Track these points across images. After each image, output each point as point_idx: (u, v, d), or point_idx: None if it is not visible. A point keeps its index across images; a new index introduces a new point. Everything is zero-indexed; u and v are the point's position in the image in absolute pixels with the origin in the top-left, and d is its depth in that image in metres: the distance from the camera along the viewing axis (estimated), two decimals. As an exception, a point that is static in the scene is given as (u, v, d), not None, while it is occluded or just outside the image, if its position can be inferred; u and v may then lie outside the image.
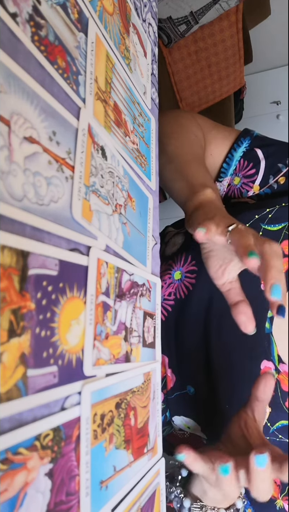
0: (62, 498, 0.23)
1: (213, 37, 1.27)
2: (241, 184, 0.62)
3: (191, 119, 0.64)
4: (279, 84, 2.01)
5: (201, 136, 0.62)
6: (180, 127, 0.61)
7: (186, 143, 0.57)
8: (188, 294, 0.56)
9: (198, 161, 0.55)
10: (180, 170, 0.52)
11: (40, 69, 0.25)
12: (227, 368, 0.51)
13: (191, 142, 0.58)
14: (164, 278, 0.58)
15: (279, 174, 0.59)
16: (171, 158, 0.54)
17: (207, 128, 0.65)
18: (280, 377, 0.49)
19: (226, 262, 0.42)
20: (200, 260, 0.55)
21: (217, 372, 0.52)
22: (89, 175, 0.29)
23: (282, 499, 0.50)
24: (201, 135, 0.63)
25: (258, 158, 0.61)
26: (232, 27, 1.26)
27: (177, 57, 1.30)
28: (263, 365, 0.49)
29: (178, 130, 0.60)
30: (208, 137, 0.65)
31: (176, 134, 0.59)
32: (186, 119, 0.63)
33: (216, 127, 0.67)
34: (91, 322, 0.27)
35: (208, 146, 0.64)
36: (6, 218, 0.20)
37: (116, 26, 0.37)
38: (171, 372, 0.57)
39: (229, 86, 1.45)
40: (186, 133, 0.60)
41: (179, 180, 0.51)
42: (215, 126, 0.67)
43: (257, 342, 0.50)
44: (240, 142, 0.63)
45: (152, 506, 0.36)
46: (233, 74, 1.41)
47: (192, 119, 0.64)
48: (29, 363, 0.21)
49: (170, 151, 0.55)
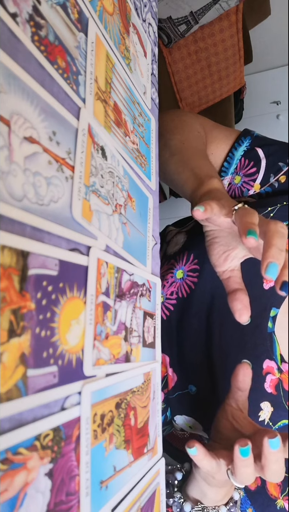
0: (62, 498, 0.23)
1: (213, 37, 1.27)
2: (242, 183, 0.62)
3: (193, 118, 0.64)
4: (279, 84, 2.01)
5: (203, 134, 0.62)
6: (183, 123, 0.61)
7: (190, 137, 0.57)
8: (190, 293, 0.56)
9: (202, 154, 0.55)
10: (185, 162, 0.52)
11: (40, 69, 0.25)
12: (228, 367, 0.51)
13: (195, 137, 0.58)
14: (166, 277, 0.58)
15: (280, 173, 0.59)
16: (175, 152, 0.54)
17: (208, 128, 0.66)
18: (282, 376, 0.49)
19: (229, 249, 0.42)
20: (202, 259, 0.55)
21: (218, 371, 0.52)
22: (89, 175, 0.29)
23: (282, 499, 0.50)
24: (203, 133, 0.63)
25: (259, 157, 0.61)
26: (232, 27, 1.26)
27: (177, 57, 1.30)
28: (265, 365, 0.49)
29: (181, 126, 0.60)
30: (209, 137, 0.65)
31: (180, 129, 0.59)
32: (189, 117, 0.63)
33: (217, 127, 0.67)
34: (91, 322, 0.27)
35: (209, 145, 0.64)
36: (6, 218, 0.20)
37: (116, 26, 0.37)
38: (172, 372, 0.57)
39: (229, 86, 1.45)
40: (190, 129, 0.60)
41: (184, 171, 0.50)
42: (216, 126, 0.67)
43: (259, 341, 0.50)
44: (241, 141, 0.63)
45: (151, 506, 0.36)
46: (233, 74, 1.41)
47: (195, 117, 0.65)
48: (29, 363, 0.21)
49: (173, 145, 0.55)
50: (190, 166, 0.50)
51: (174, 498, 0.45)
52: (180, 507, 0.45)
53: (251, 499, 0.50)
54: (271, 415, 0.49)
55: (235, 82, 1.44)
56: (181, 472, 0.48)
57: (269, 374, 0.49)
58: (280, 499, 0.50)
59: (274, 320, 0.50)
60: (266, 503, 0.50)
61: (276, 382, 0.49)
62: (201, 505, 0.44)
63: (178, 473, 0.48)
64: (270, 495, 0.50)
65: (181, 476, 0.48)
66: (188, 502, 0.45)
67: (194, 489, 0.45)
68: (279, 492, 0.50)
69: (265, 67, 2.01)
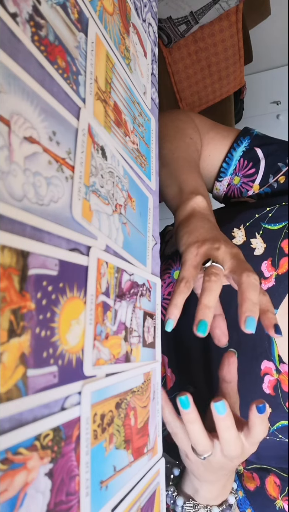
0: (62, 498, 0.23)
1: (213, 37, 1.27)
2: (241, 184, 0.62)
3: (188, 121, 0.64)
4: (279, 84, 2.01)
5: (197, 139, 0.62)
6: (175, 129, 0.61)
7: (180, 146, 0.57)
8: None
9: (191, 166, 0.55)
10: (173, 176, 0.52)
11: (40, 69, 0.25)
12: None
13: (186, 145, 0.58)
14: (163, 278, 0.58)
15: (279, 173, 0.59)
16: (165, 163, 0.54)
17: (205, 129, 0.65)
18: (281, 377, 0.49)
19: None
20: None
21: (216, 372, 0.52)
22: (89, 175, 0.29)
23: (282, 499, 0.50)
24: (198, 137, 0.63)
25: (258, 157, 0.61)
26: (232, 27, 1.26)
27: (177, 57, 1.30)
28: (264, 365, 0.49)
29: (173, 133, 0.60)
30: (206, 138, 0.65)
31: (172, 137, 0.59)
32: (183, 122, 0.63)
33: (215, 127, 0.67)
34: (91, 322, 0.27)
35: (206, 147, 0.64)
36: (6, 218, 0.20)
37: (116, 26, 0.37)
38: (170, 372, 0.57)
39: (229, 86, 1.45)
40: (181, 136, 0.60)
41: (172, 185, 0.51)
42: (214, 126, 0.67)
43: (257, 342, 0.50)
44: (240, 141, 0.63)
45: (151, 506, 0.36)
46: (233, 74, 1.41)
47: (189, 121, 0.64)
48: (29, 363, 0.21)
49: (163, 155, 0.55)
50: (178, 181, 0.51)
51: (168, 492, 0.46)
52: (173, 500, 0.45)
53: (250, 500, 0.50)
54: (270, 416, 0.49)
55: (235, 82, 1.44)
56: (178, 468, 0.48)
57: (267, 375, 0.49)
58: (279, 500, 0.50)
59: None
60: (265, 504, 0.50)
61: (274, 383, 0.49)
62: (192, 501, 0.44)
63: (176, 469, 0.49)
64: (269, 496, 0.50)
65: (178, 472, 0.48)
66: (181, 496, 0.45)
67: (187, 484, 0.45)
68: (278, 492, 0.50)
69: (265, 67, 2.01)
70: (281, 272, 0.51)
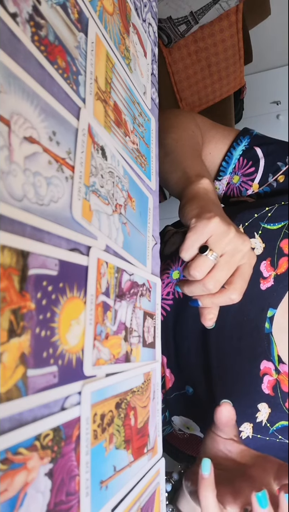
0: (62, 498, 0.23)
1: (213, 37, 1.27)
2: (240, 183, 0.62)
3: (189, 118, 0.64)
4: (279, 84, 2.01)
5: (198, 134, 0.62)
6: (178, 122, 0.61)
7: (184, 136, 0.57)
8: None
9: (195, 154, 0.55)
10: (177, 162, 0.52)
11: (40, 69, 0.25)
12: (226, 368, 0.51)
13: (189, 136, 0.58)
14: (162, 278, 0.58)
15: (279, 172, 0.59)
16: (168, 151, 0.54)
17: (206, 128, 0.65)
18: (280, 377, 0.49)
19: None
20: None
21: (215, 372, 0.51)
22: (89, 175, 0.29)
23: None
24: (199, 133, 0.63)
25: (257, 156, 0.61)
26: (232, 27, 1.26)
27: (177, 57, 1.30)
28: (263, 365, 0.49)
29: (176, 125, 0.60)
30: (207, 136, 0.65)
31: (175, 128, 0.59)
32: (185, 117, 0.63)
33: (215, 126, 0.67)
34: (91, 322, 0.27)
35: (207, 145, 0.64)
36: (6, 218, 0.20)
37: (116, 26, 0.37)
38: (169, 372, 0.57)
39: (229, 86, 1.45)
40: (184, 128, 0.60)
41: (176, 171, 0.51)
42: (214, 125, 0.67)
43: (256, 342, 0.50)
44: (239, 140, 0.63)
45: (151, 506, 0.36)
46: (233, 74, 1.41)
47: (191, 118, 0.65)
48: (29, 363, 0.21)
49: (167, 144, 0.55)
50: (182, 166, 0.50)
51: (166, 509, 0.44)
52: None
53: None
54: (269, 417, 0.49)
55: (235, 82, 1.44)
56: (170, 483, 0.46)
57: (266, 375, 0.49)
58: None
59: (271, 320, 0.50)
60: None
61: (273, 383, 0.49)
62: None
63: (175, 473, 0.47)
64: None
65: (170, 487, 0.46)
66: None
67: (184, 505, 0.44)
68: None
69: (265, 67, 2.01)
70: (280, 272, 0.51)
